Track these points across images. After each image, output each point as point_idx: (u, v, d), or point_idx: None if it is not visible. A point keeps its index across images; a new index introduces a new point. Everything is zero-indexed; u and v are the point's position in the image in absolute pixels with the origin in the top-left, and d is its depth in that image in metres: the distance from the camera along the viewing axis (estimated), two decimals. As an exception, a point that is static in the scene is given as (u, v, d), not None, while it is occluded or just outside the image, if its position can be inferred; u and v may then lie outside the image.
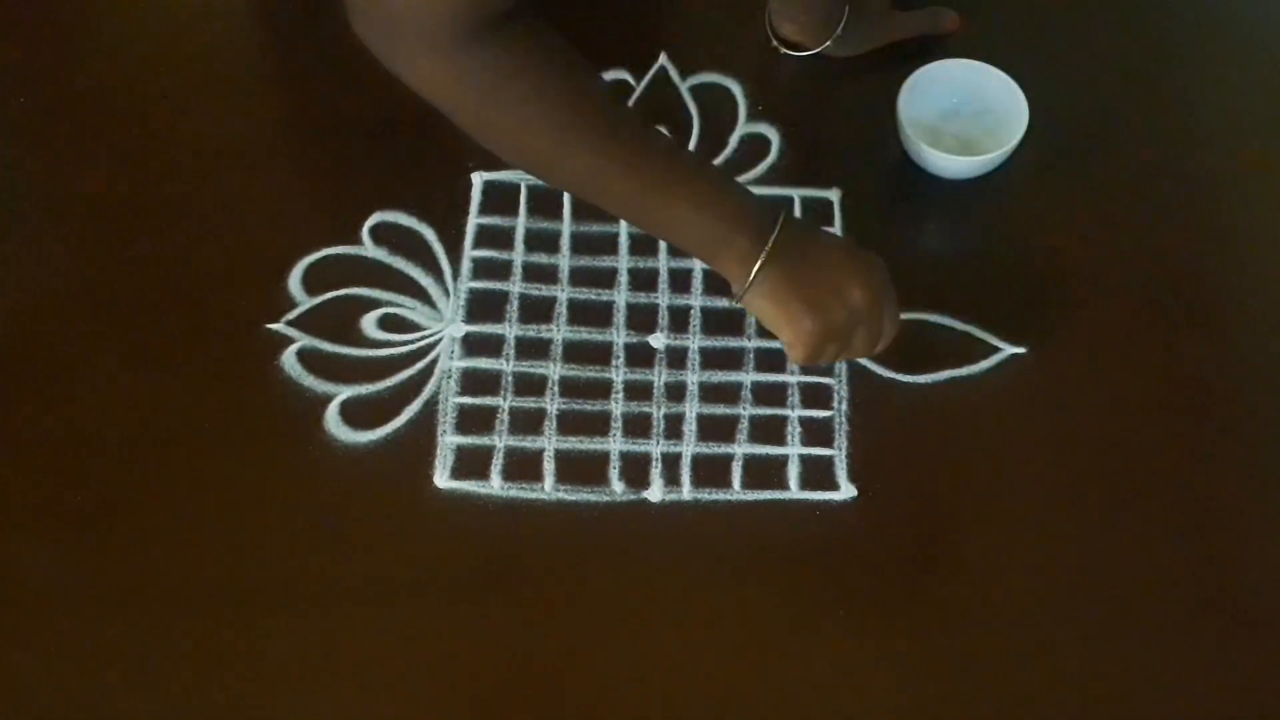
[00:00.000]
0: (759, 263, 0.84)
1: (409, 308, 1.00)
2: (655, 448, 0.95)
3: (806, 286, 0.85)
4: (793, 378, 0.98)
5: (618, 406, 0.96)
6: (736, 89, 1.10)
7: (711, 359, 0.98)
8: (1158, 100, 1.11)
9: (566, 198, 1.04)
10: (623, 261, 1.02)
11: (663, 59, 1.10)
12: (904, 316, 0.98)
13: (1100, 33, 1.15)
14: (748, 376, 0.98)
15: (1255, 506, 0.94)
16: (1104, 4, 1.17)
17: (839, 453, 0.94)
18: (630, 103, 1.08)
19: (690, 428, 0.95)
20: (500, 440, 0.94)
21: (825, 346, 0.87)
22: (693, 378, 0.98)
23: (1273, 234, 1.05)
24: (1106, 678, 0.87)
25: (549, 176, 0.89)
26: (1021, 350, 0.98)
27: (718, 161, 1.06)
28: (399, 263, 1.01)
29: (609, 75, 1.09)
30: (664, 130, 1.07)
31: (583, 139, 0.81)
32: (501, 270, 1.01)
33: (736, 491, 0.93)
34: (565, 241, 1.03)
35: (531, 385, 0.97)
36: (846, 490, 0.93)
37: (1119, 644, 0.89)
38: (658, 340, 0.99)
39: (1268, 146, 1.09)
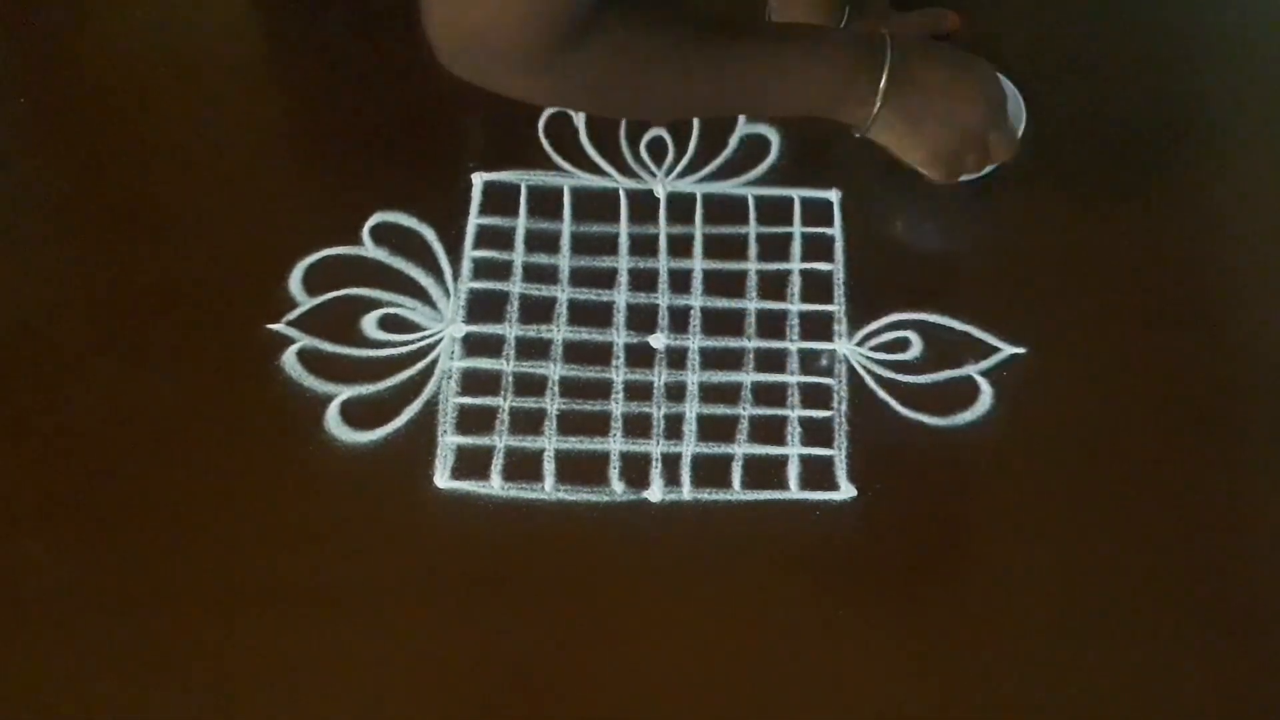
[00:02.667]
0: (877, 104, 0.86)
1: (409, 308, 1.00)
2: (655, 448, 0.95)
3: (929, 108, 0.88)
4: (793, 378, 0.98)
5: (618, 406, 0.96)
6: (736, 89, 1.10)
7: (711, 359, 0.98)
8: (1157, 100, 1.11)
9: (566, 198, 1.04)
10: (623, 261, 1.02)
11: (663, 59, 1.10)
12: (903, 317, 0.99)
13: (1100, 34, 1.15)
14: (748, 376, 0.98)
15: (1255, 507, 0.94)
16: (1103, 5, 1.17)
17: (839, 453, 0.94)
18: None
19: (690, 428, 0.95)
20: (500, 440, 0.94)
21: (965, 157, 0.91)
22: (693, 378, 0.98)
23: (1272, 234, 1.05)
24: (1106, 677, 0.87)
25: (669, 117, 0.94)
26: (1021, 350, 0.98)
27: (718, 162, 1.06)
28: (399, 263, 1.01)
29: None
30: (666, 137, 1.07)
31: (695, 80, 0.83)
32: (502, 270, 1.01)
33: (736, 491, 0.93)
34: (565, 241, 1.03)
35: (531, 385, 0.97)
36: (846, 490, 0.93)
37: (1118, 644, 0.89)
38: (658, 340, 0.99)
39: (1267, 146, 1.09)
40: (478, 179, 1.05)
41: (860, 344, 0.99)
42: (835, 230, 1.03)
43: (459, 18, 0.75)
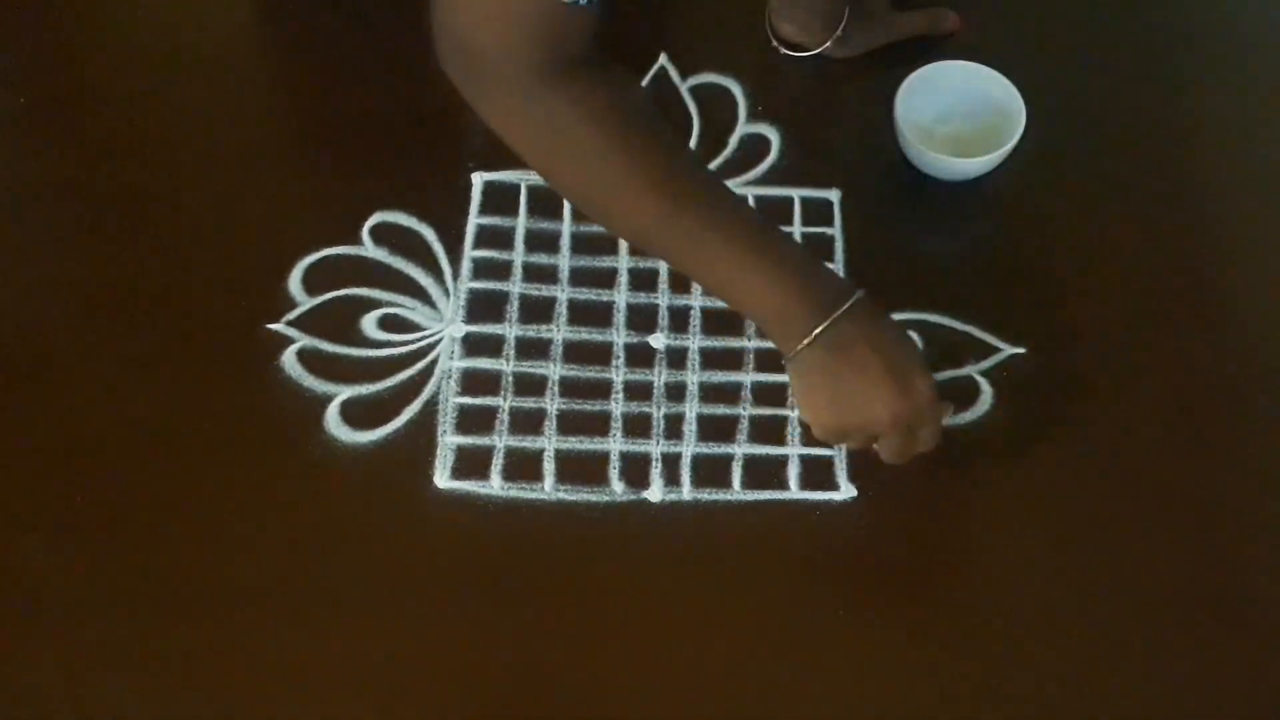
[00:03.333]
0: (798, 347, 0.82)
1: (409, 308, 1.00)
2: (655, 448, 0.95)
3: (836, 383, 0.83)
4: (793, 378, 0.98)
5: (618, 406, 0.96)
6: (736, 89, 1.10)
7: (711, 359, 0.98)
8: (1156, 100, 1.11)
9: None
10: (623, 261, 1.02)
11: (663, 59, 1.10)
12: (903, 316, 0.98)
13: (1099, 34, 1.15)
14: (748, 376, 0.98)
15: (1256, 506, 0.94)
16: (1102, 5, 1.17)
17: (839, 453, 0.94)
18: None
19: (690, 428, 0.95)
20: (500, 440, 0.94)
21: (850, 435, 0.86)
22: (693, 378, 0.98)
23: (1273, 234, 1.05)
24: (1106, 677, 0.87)
25: (612, 228, 0.88)
26: (1021, 350, 0.98)
27: (718, 162, 1.06)
28: (399, 263, 1.01)
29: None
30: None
31: (645, 199, 0.80)
32: (501, 270, 1.01)
33: (736, 491, 0.93)
34: (565, 241, 1.03)
35: (531, 385, 0.97)
36: (846, 490, 0.93)
37: (1119, 643, 0.89)
38: (658, 340, 0.99)
39: (1268, 146, 1.09)
40: (478, 179, 1.05)
41: (860, 344, 0.98)
42: (835, 230, 1.03)
43: (463, 19, 0.75)
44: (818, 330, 0.81)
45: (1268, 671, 0.88)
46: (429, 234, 1.02)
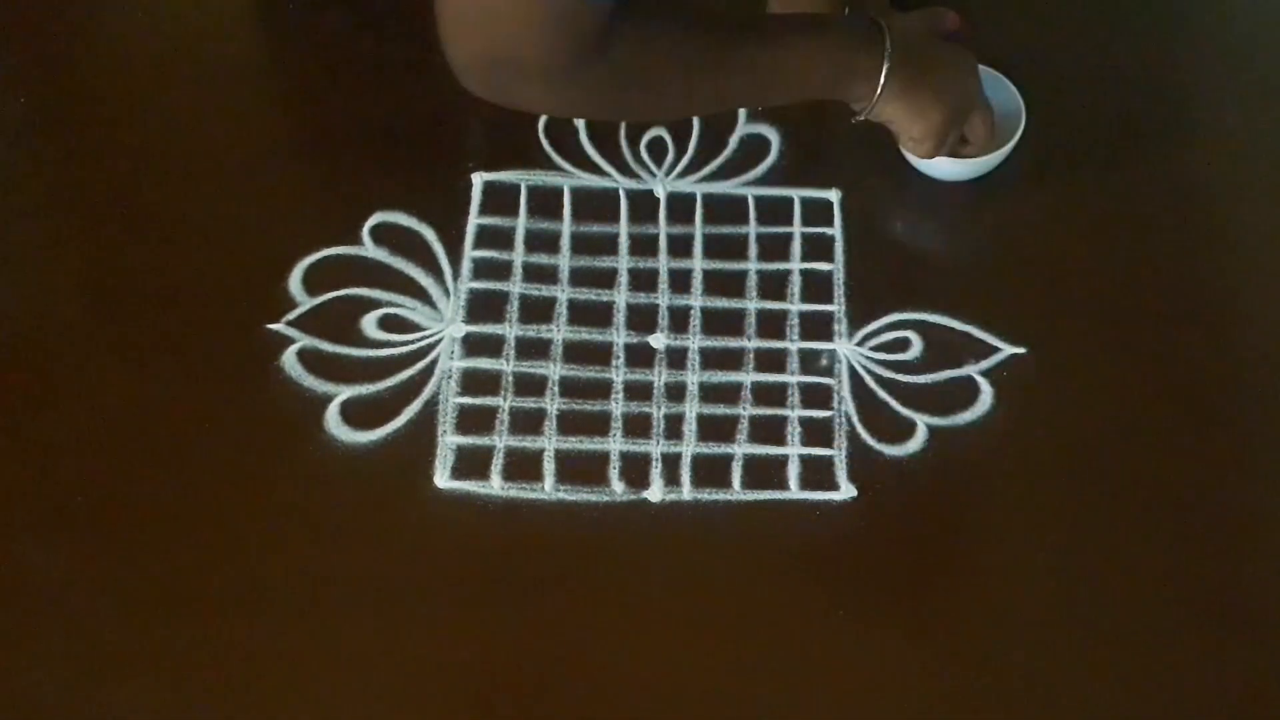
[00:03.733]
0: (883, 77, 0.90)
1: (409, 308, 1.00)
2: (655, 448, 0.95)
3: (926, 83, 0.92)
4: (793, 378, 0.98)
5: (618, 406, 0.96)
6: (736, 89, 1.10)
7: (711, 359, 0.98)
8: (1156, 100, 1.11)
9: (566, 198, 1.04)
10: (623, 261, 1.02)
11: (663, 59, 1.10)
12: (903, 317, 0.99)
13: (1098, 34, 1.15)
14: (748, 376, 0.98)
15: (1255, 506, 0.94)
16: (1103, 6, 1.17)
17: (839, 453, 0.94)
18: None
19: (690, 428, 0.95)
20: (500, 440, 0.94)
21: (950, 133, 0.96)
22: (693, 378, 0.98)
23: (1272, 234, 1.05)
24: (1106, 677, 0.87)
25: (683, 115, 1.01)
26: (1021, 350, 0.98)
27: (718, 162, 1.06)
28: (399, 263, 1.01)
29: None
30: (666, 137, 1.07)
31: (709, 78, 0.87)
32: (501, 270, 1.01)
33: (736, 491, 0.93)
34: (565, 241, 1.03)
35: (531, 385, 0.97)
36: (846, 490, 0.93)
37: (1118, 643, 0.89)
38: (658, 340, 0.99)
39: (1268, 146, 1.09)
40: (478, 179, 1.05)
41: (860, 344, 0.99)
42: (835, 230, 1.03)
43: (480, 36, 0.76)
44: (885, 55, 0.89)
45: (1268, 671, 0.88)
46: (429, 234, 1.02)
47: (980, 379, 0.97)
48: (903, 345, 0.98)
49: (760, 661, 0.88)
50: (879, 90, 0.91)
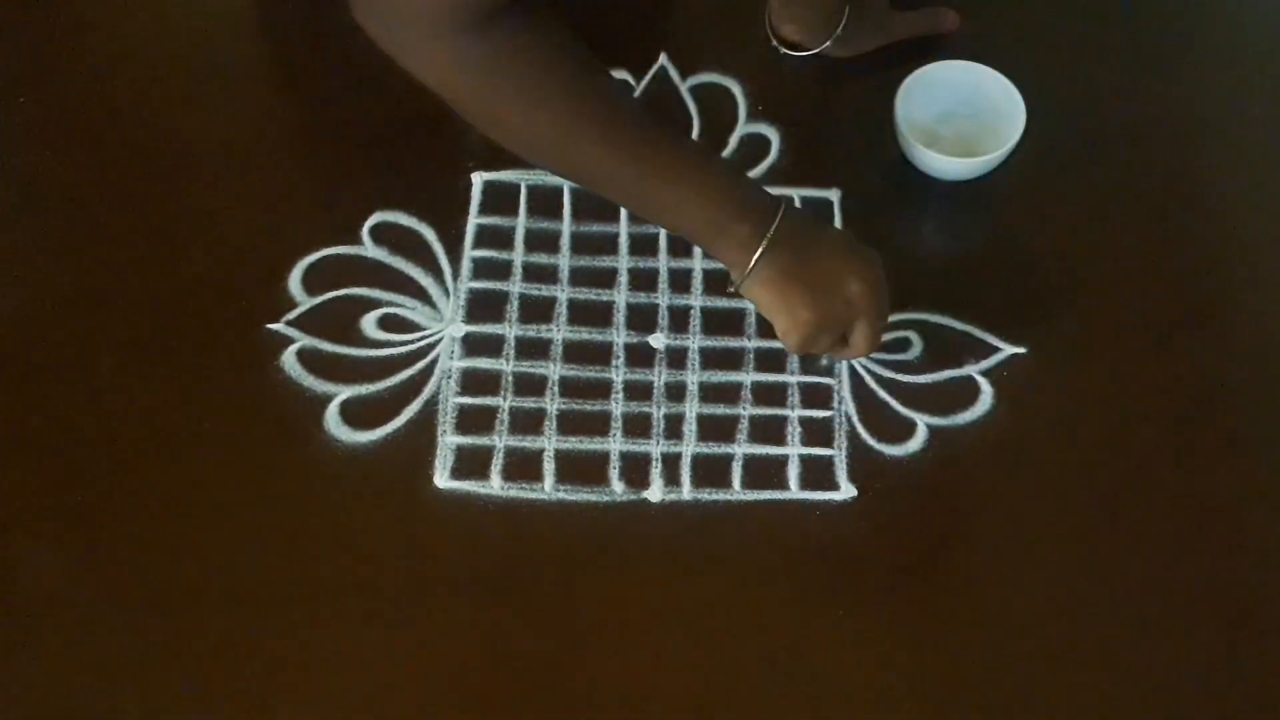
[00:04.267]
0: (759, 250, 0.84)
1: (409, 308, 1.00)
2: (655, 448, 0.95)
3: (805, 276, 0.86)
4: (793, 378, 0.98)
5: (618, 406, 0.96)
6: (736, 89, 1.10)
7: (711, 359, 0.98)
8: (1156, 101, 1.11)
9: (566, 198, 1.04)
10: (623, 261, 1.02)
11: (663, 59, 1.10)
12: (903, 316, 0.98)
13: (1098, 34, 1.15)
14: (748, 376, 0.98)
15: (1255, 507, 0.94)
16: (1102, 5, 1.17)
17: (839, 453, 0.94)
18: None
19: (690, 428, 0.95)
20: (500, 440, 0.94)
21: (820, 337, 0.88)
22: (693, 378, 0.98)
23: (1273, 234, 1.05)
24: (1106, 677, 0.87)
25: (551, 165, 0.90)
26: (1021, 350, 0.98)
27: (717, 162, 1.06)
28: (399, 263, 1.01)
29: (609, 75, 1.09)
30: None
31: (585, 128, 0.82)
32: (501, 270, 1.01)
33: (736, 491, 0.93)
34: (565, 241, 1.03)
35: (531, 385, 0.97)
36: (846, 490, 0.93)
37: (1118, 643, 0.89)
38: (658, 340, 0.99)
39: (1268, 146, 1.09)
40: (477, 178, 1.05)
41: (860, 344, 0.99)
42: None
43: None
44: (771, 230, 0.84)
45: (1268, 671, 0.88)
46: (429, 234, 1.02)
47: (980, 379, 0.97)
48: (903, 345, 0.98)
49: (760, 660, 0.88)
50: (754, 258, 0.85)
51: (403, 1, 0.76)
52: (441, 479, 0.93)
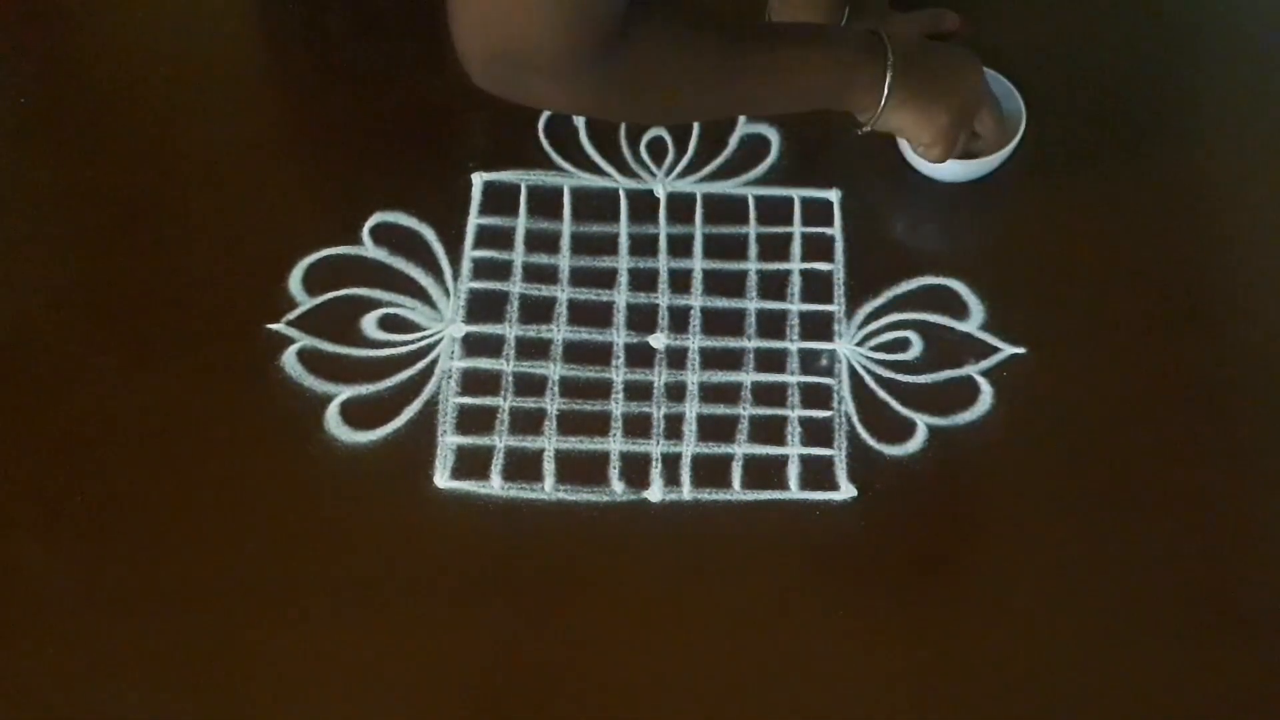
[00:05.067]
0: (887, 84, 0.90)
1: (409, 308, 1.00)
2: (655, 448, 0.95)
3: (930, 89, 0.93)
4: (793, 378, 0.98)
5: (618, 406, 0.96)
6: (736, 89, 1.10)
7: (711, 359, 0.98)
8: (1156, 102, 1.11)
9: (566, 198, 1.04)
10: (623, 261, 1.02)
11: (663, 59, 1.10)
12: (903, 317, 0.98)
13: (1099, 35, 1.15)
14: (748, 376, 0.98)
15: (1255, 507, 0.94)
16: (1103, 6, 1.17)
17: (839, 453, 0.94)
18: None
19: (690, 428, 0.95)
20: (500, 440, 0.94)
21: (959, 135, 0.96)
22: (693, 378, 0.98)
23: (1273, 234, 1.05)
24: (1106, 677, 0.87)
25: (693, 120, 1.02)
26: (1021, 350, 0.98)
27: (718, 162, 1.06)
28: (399, 263, 1.01)
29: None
30: (666, 137, 1.07)
31: (720, 84, 0.87)
32: (501, 270, 1.01)
33: (736, 491, 0.93)
34: (565, 241, 1.03)
35: (531, 385, 0.97)
36: (846, 490, 0.93)
37: (1119, 643, 0.89)
38: (658, 340, 0.99)
39: (1268, 146, 1.09)
40: (478, 179, 1.05)
41: (860, 344, 0.99)
42: (835, 230, 1.03)
43: (491, 30, 0.75)
44: (889, 62, 0.90)
45: (1268, 671, 0.88)
46: (429, 234, 1.02)
47: (980, 379, 0.97)
48: (903, 345, 0.98)
49: (760, 661, 0.88)
50: (883, 101, 0.91)
51: (522, 58, 0.76)
52: (441, 479, 0.93)
